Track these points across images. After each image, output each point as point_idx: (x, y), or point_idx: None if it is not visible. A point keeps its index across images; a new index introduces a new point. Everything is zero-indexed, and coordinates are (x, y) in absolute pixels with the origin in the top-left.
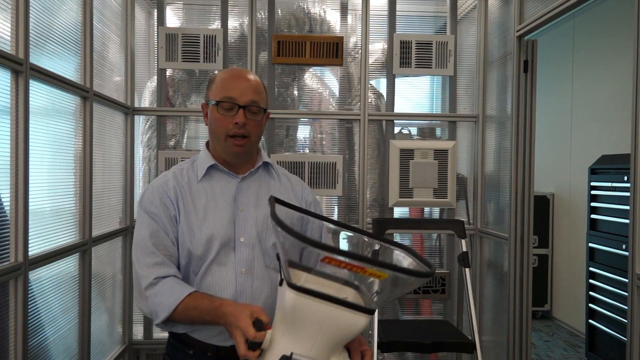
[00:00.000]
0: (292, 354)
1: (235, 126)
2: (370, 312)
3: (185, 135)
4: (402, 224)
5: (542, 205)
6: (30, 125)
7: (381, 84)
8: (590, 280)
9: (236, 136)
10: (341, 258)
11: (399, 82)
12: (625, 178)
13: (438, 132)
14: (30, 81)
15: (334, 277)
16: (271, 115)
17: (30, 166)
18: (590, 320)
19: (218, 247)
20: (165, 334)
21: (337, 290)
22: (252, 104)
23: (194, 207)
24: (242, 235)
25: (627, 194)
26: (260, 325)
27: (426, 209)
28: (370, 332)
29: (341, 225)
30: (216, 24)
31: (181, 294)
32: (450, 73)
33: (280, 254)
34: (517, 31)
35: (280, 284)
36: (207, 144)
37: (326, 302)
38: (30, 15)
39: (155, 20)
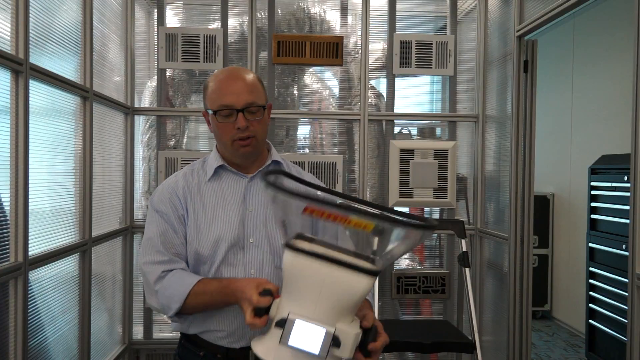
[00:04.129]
0: (289, 313)
1: (238, 131)
2: (373, 274)
3: (185, 135)
4: None
5: (542, 205)
6: (30, 125)
7: (381, 84)
8: (590, 280)
9: (241, 138)
10: (321, 207)
11: (399, 82)
12: (625, 178)
13: (438, 132)
14: (30, 81)
15: (340, 249)
16: (271, 115)
17: (30, 166)
18: (590, 320)
19: (226, 248)
20: (167, 334)
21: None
22: (249, 106)
23: (203, 207)
24: (251, 236)
25: (627, 194)
26: (267, 293)
27: (426, 209)
28: None
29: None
30: (216, 24)
31: (191, 281)
32: (450, 73)
33: (277, 217)
34: (517, 31)
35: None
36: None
37: (325, 262)
38: (30, 15)
39: (155, 20)
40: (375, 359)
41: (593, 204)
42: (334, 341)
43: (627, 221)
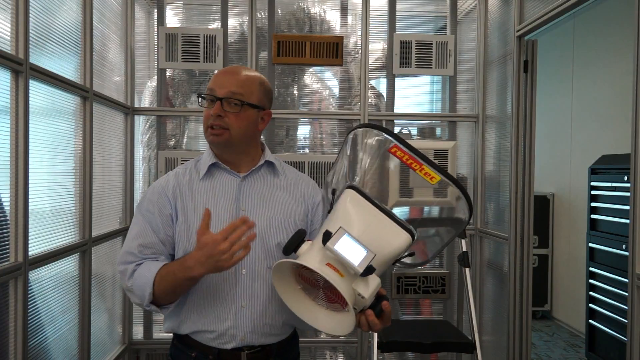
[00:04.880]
0: (340, 227)
1: (211, 117)
2: (410, 233)
3: (185, 135)
4: None
5: (542, 205)
6: (30, 125)
7: (381, 84)
8: (590, 280)
9: (214, 126)
10: (405, 149)
11: (399, 82)
12: (625, 178)
13: (438, 132)
14: (30, 81)
15: (392, 216)
16: (272, 116)
17: (30, 166)
18: (590, 321)
19: None
20: (167, 334)
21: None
22: (230, 96)
23: (194, 205)
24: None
25: (627, 194)
26: (301, 234)
27: (426, 209)
28: (370, 331)
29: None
30: (216, 24)
31: (156, 267)
32: (450, 73)
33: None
34: (517, 31)
35: (331, 207)
36: None
37: (377, 208)
38: (30, 15)
39: (155, 20)
40: (383, 322)
41: (593, 204)
42: (368, 269)
43: (627, 221)
